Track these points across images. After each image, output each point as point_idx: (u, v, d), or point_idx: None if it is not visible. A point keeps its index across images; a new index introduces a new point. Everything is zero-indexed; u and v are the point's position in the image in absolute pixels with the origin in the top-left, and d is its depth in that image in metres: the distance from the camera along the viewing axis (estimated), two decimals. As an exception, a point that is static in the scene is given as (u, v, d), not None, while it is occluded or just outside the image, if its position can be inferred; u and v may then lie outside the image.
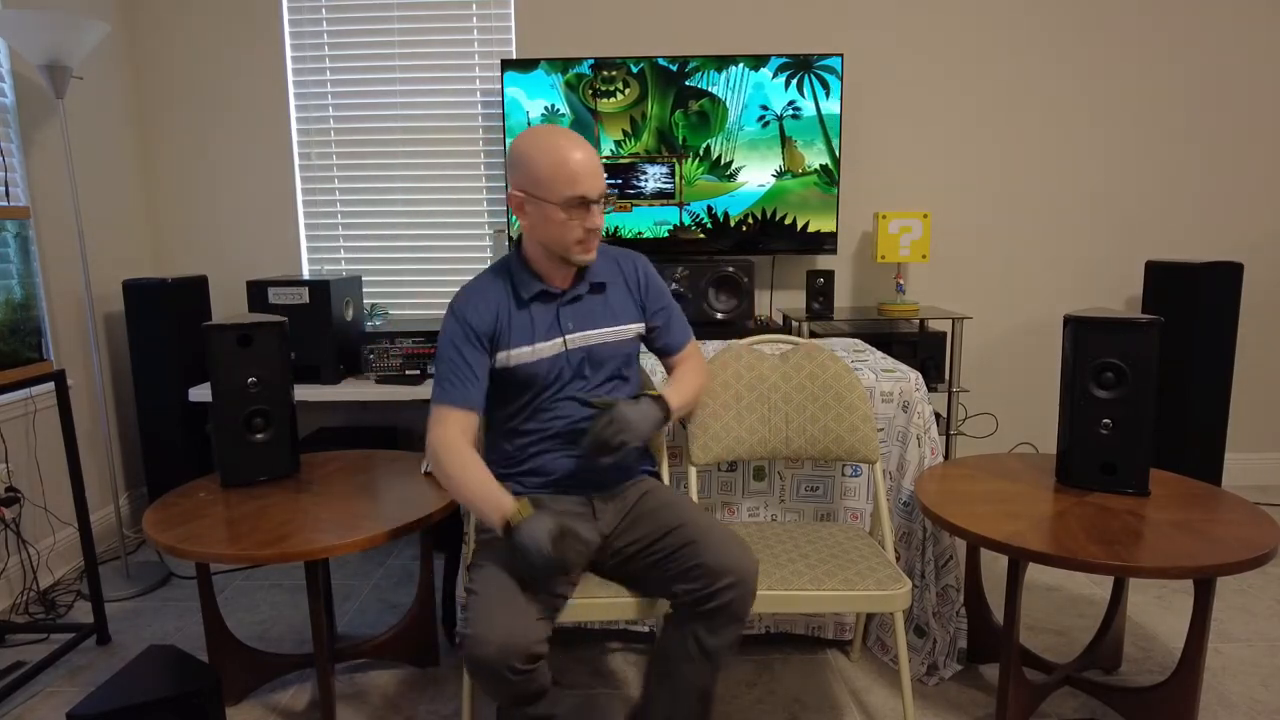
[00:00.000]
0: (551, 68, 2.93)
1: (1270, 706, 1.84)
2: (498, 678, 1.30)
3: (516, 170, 1.51)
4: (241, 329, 1.85)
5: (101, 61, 2.95)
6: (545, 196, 1.49)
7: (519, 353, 1.56)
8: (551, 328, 1.58)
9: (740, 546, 1.45)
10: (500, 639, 1.29)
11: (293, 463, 1.95)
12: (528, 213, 1.52)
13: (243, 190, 3.23)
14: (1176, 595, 2.39)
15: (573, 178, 1.47)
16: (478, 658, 1.29)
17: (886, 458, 2.01)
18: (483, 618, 1.32)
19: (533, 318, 1.58)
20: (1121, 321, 1.69)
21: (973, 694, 1.91)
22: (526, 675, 1.33)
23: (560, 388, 1.59)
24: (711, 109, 2.94)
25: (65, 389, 2.11)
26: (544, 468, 1.61)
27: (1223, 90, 3.15)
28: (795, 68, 2.92)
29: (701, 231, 3.02)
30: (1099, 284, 3.28)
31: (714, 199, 3.01)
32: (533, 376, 1.56)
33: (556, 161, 1.47)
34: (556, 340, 1.58)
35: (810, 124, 2.96)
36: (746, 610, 1.44)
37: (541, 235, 1.53)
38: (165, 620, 2.34)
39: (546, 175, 1.48)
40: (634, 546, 1.56)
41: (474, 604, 1.36)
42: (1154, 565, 1.39)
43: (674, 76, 2.93)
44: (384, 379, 2.73)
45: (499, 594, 1.36)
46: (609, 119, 2.97)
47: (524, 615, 1.34)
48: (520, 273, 1.59)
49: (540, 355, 1.57)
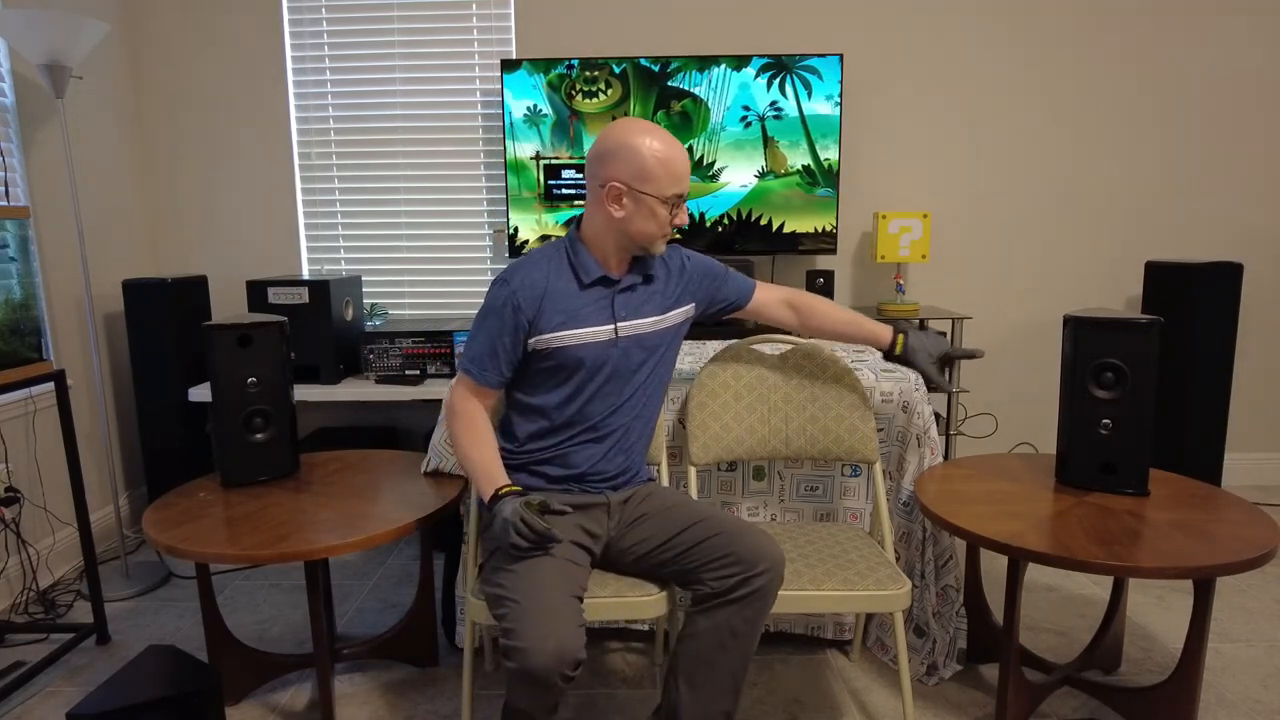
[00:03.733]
0: (534, 68, 2.94)
1: (1270, 706, 1.84)
2: (548, 686, 1.29)
3: (618, 163, 1.52)
4: (241, 329, 1.85)
5: (101, 61, 2.95)
6: (650, 191, 1.51)
7: (569, 334, 1.57)
8: (605, 314, 1.60)
9: (767, 536, 1.50)
10: (554, 649, 1.28)
11: (293, 463, 1.95)
12: (624, 205, 1.54)
13: (243, 190, 3.23)
14: (1176, 595, 2.39)
15: (679, 175, 1.53)
16: (532, 668, 1.27)
17: (886, 458, 2.01)
18: (532, 627, 1.30)
19: (588, 302, 1.59)
20: (1121, 321, 1.69)
21: (973, 694, 1.91)
22: (571, 682, 1.33)
23: (606, 377, 1.60)
24: (694, 109, 2.95)
25: (65, 389, 2.11)
26: (569, 459, 1.62)
27: (1223, 90, 3.15)
28: (777, 68, 2.93)
29: (678, 231, 3.03)
30: (1099, 284, 3.28)
31: (696, 200, 3.01)
32: (579, 360, 1.58)
33: (665, 158, 1.51)
34: (608, 326, 1.59)
35: (792, 124, 2.97)
36: (775, 595, 1.48)
37: (635, 227, 1.55)
38: (165, 620, 2.34)
39: (655, 171, 1.51)
40: (647, 545, 1.57)
41: (517, 613, 1.34)
42: (1154, 565, 1.39)
43: (656, 77, 2.94)
44: (384, 379, 2.73)
45: (544, 601, 1.35)
46: (591, 119, 2.97)
47: (572, 622, 1.34)
48: (581, 256, 1.60)
49: (590, 339, 1.58)
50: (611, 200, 1.53)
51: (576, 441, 1.62)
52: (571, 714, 1.85)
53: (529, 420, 1.63)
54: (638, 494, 1.68)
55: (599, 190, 1.54)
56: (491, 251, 3.28)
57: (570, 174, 3.02)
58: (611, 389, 1.61)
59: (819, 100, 2.95)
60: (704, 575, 1.48)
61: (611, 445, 1.63)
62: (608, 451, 1.63)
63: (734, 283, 1.79)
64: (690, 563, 1.50)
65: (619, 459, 1.65)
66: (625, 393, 1.63)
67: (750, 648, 1.48)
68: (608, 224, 1.56)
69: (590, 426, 1.62)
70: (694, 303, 1.73)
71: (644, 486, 1.71)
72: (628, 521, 1.63)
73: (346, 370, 2.81)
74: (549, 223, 3.05)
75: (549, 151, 3.00)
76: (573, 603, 1.39)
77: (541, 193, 3.02)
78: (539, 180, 3.01)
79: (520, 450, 1.64)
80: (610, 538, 1.63)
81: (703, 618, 1.47)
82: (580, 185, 3.02)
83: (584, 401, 1.60)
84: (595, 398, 1.61)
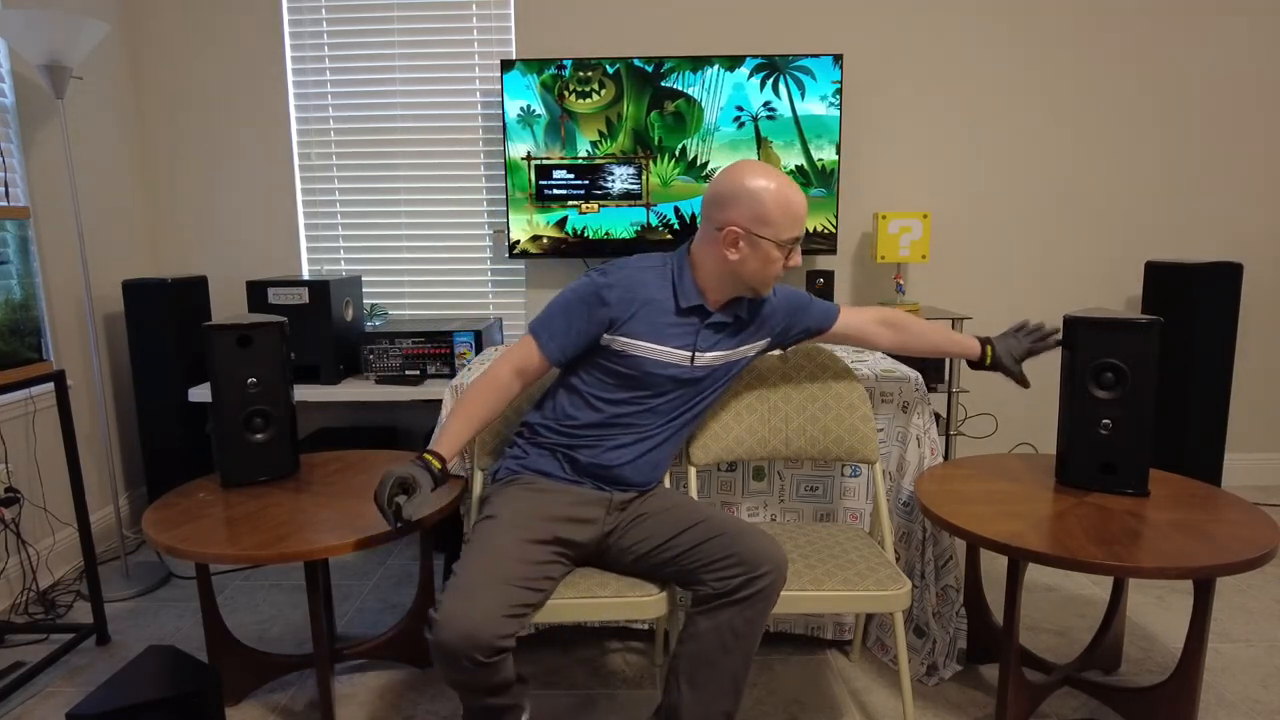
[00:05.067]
0: (527, 68, 2.94)
1: (1270, 706, 1.84)
2: (456, 665, 1.33)
3: (740, 207, 1.53)
4: (241, 329, 1.85)
5: (101, 61, 2.95)
6: (769, 236, 1.53)
7: (648, 347, 1.59)
8: (688, 340, 1.62)
9: (769, 537, 1.50)
10: (464, 629, 1.31)
11: (293, 463, 1.95)
12: (741, 248, 1.55)
13: (243, 190, 3.23)
14: (1176, 595, 2.39)
15: (797, 219, 1.55)
16: (441, 642, 1.32)
17: (886, 458, 2.01)
18: (453, 603, 1.34)
19: (676, 323, 1.61)
20: (1121, 321, 1.69)
21: (973, 694, 1.91)
22: (487, 668, 1.35)
23: (667, 395, 1.64)
24: (687, 110, 2.95)
25: (65, 389, 2.11)
26: (597, 458, 1.63)
27: (1223, 90, 3.15)
28: (770, 69, 2.93)
29: (669, 232, 3.04)
30: (1099, 284, 3.28)
31: (687, 200, 3.01)
32: (649, 374, 1.60)
33: (785, 203, 1.52)
34: (686, 353, 1.62)
35: (786, 124, 2.97)
36: (778, 596, 1.49)
37: (748, 269, 1.57)
38: (165, 620, 2.34)
39: (775, 216, 1.52)
40: (647, 544, 1.58)
41: (451, 585, 1.38)
42: (1154, 565, 1.39)
43: (650, 77, 2.94)
44: (383, 379, 2.73)
45: (476, 580, 1.38)
46: (585, 119, 2.97)
47: (495, 608, 1.35)
48: (685, 281, 1.62)
49: (665, 359, 1.61)
50: (728, 244, 1.55)
51: (618, 443, 1.64)
52: (572, 714, 1.85)
53: (578, 408, 1.64)
54: (639, 495, 1.69)
55: (715, 233, 1.57)
56: (491, 252, 3.28)
57: (561, 174, 3.01)
58: (667, 406, 1.65)
59: (813, 100, 2.95)
60: (705, 576, 1.48)
61: (643, 452, 1.66)
62: (636, 457, 1.65)
63: (816, 310, 1.80)
64: (692, 563, 1.51)
65: (647, 469, 1.67)
66: (676, 411, 1.67)
67: (752, 648, 1.49)
68: (721, 265, 1.58)
69: (635, 432, 1.65)
70: (770, 337, 1.76)
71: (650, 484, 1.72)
72: (628, 521, 1.64)
73: (346, 370, 2.81)
74: (540, 223, 3.05)
75: (541, 152, 3.00)
76: (509, 590, 1.39)
77: (533, 193, 3.03)
78: (530, 180, 3.01)
79: (559, 428, 1.65)
80: (607, 532, 1.64)
81: (704, 618, 1.48)
82: (572, 186, 3.02)
83: (638, 410, 1.63)
84: (650, 411, 1.64)
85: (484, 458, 1.85)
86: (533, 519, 1.53)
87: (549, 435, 1.66)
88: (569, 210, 3.03)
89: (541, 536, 1.52)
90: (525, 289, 3.29)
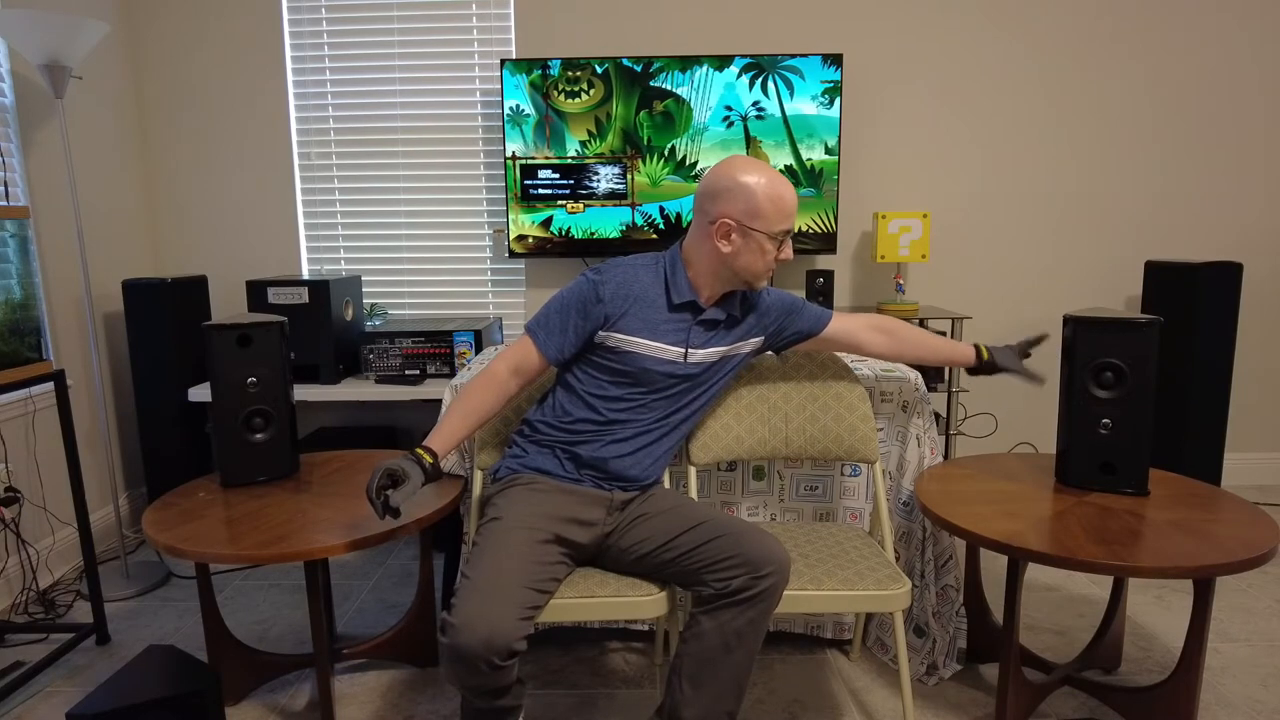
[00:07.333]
0: (516, 68, 2.94)
1: (1270, 706, 1.84)
2: (473, 669, 1.32)
3: (731, 200, 1.56)
4: (241, 329, 1.85)
5: (101, 61, 2.95)
6: (760, 228, 1.56)
7: (641, 343, 1.61)
8: (680, 337, 1.64)
9: (771, 538, 1.51)
10: (485, 632, 1.31)
11: (292, 463, 1.95)
12: (733, 240, 1.58)
13: (243, 190, 3.23)
14: (1176, 595, 2.39)
15: (788, 212, 1.58)
16: (459, 646, 1.31)
17: (886, 458, 2.01)
18: (470, 606, 1.34)
19: (669, 320, 1.63)
20: (1121, 321, 1.69)
21: (972, 694, 1.91)
22: (501, 670, 1.35)
23: (661, 392, 1.66)
24: (676, 109, 2.95)
25: (65, 389, 2.11)
26: (596, 453, 1.64)
27: (1223, 90, 3.15)
28: (758, 69, 2.93)
29: (654, 232, 3.04)
30: (1099, 284, 3.28)
31: (673, 200, 3.01)
32: (643, 370, 1.62)
33: (775, 196, 1.55)
34: (679, 349, 1.64)
35: (775, 124, 2.97)
36: (780, 597, 1.50)
37: (741, 261, 1.59)
38: (165, 620, 2.34)
39: (766, 209, 1.55)
40: (647, 545, 1.58)
41: (464, 588, 1.38)
42: (1153, 565, 1.39)
43: (638, 77, 2.94)
44: (383, 379, 2.73)
45: (491, 583, 1.38)
46: (574, 119, 2.97)
47: (513, 611, 1.36)
48: (678, 277, 1.64)
49: (659, 355, 1.62)
50: (721, 236, 1.58)
51: (615, 438, 1.65)
52: (572, 714, 1.85)
53: (576, 405, 1.66)
54: (639, 493, 1.69)
55: (708, 226, 1.59)
56: (491, 251, 3.28)
57: (547, 174, 3.01)
58: (663, 403, 1.67)
59: (802, 100, 2.95)
60: (708, 576, 1.48)
61: (640, 447, 1.66)
62: (635, 450, 1.66)
63: (808, 314, 1.81)
64: (694, 564, 1.51)
65: (646, 463, 1.68)
66: (672, 408, 1.68)
67: (754, 648, 1.49)
68: (714, 258, 1.61)
69: (633, 428, 1.65)
70: (764, 336, 1.77)
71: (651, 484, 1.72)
72: (628, 521, 1.64)
73: (346, 370, 2.81)
74: (525, 223, 3.05)
75: (531, 151, 3.00)
76: (524, 592, 1.40)
77: (518, 193, 3.03)
78: (515, 180, 3.01)
79: (558, 425, 1.66)
80: (607, 533, 1.64)
81: (707, 618, 1.48)
82: (558, 186, 3.02)
83: (634, 406, 1.64)
84: (644, 406, 1.65)
85: (484, 457, 1.85)
86: (538, 519, 1.54)
87: (548, 432, 1.67)
88: (556, 210, 3.03)
89: (548, 537, 1.53)
90: (525, 288, 3.29)
